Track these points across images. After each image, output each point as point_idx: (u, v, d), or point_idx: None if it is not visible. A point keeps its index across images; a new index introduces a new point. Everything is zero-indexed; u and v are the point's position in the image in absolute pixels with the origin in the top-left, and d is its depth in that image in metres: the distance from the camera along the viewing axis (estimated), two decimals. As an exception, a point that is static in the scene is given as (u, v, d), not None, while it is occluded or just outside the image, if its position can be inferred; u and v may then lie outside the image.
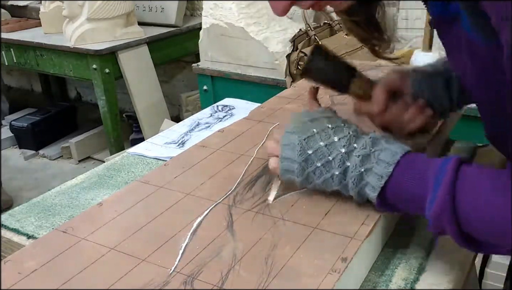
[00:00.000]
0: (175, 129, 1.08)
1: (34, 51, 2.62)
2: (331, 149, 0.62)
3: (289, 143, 0.64)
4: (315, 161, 0.63)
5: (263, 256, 0.57)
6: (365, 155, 0.60)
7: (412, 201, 0.57)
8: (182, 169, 0.80)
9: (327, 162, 0.63)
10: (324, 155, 0.63)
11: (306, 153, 0.63)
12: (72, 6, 2.40)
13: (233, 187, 0.73)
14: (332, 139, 0.63)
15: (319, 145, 0.63)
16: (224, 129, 0.96)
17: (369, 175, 0.60)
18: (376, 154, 0.60)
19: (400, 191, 0.58)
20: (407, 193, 0.58)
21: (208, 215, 0.67)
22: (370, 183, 0.60)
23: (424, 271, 0.61)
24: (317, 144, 0.63)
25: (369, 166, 0.60)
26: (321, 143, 0.63)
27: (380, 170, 0.59)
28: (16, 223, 0.74)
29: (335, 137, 0.63)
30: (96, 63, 2.40)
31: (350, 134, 0.63)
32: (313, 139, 0.63)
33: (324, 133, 0.64)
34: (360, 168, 0.60)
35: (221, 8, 2.05)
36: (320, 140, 0.63)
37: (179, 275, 0.55)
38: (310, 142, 0.63)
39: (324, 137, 0.63)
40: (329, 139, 0.63)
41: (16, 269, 0.57)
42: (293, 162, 0.64)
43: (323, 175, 0.63)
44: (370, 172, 0.60)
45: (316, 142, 0.63)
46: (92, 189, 0.83)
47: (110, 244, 0.61)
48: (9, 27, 2.77)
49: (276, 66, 1.97)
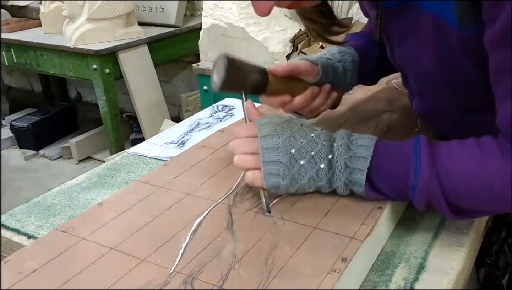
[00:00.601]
0: (175, 129, 1.08)
1: (34, 51, 2.62)
2: (312, 144, 0.64)
3: (270, 146, 0.64)
4: (299, 159, 0.64)
5: (263, 256, 0.57)
6: (345, 144, 0.63)
7: (397, 178, 0.62)
8: (182, 169, 0.80)
9: (310, 157, 0.64)
10: (307, 151, 0.64)
11: (289, 153, 0.63)
12: (72, 6, 2.40)
13: (233, 187, 0.73)
14: (310, 136, 0.65)
15: (300, 142, 0.64)
16: (224, 129, 0.96)
17: (353, 160, 0.63)
18: (354, 142, 0.64)
19: (384, 170, 0.62)
20: (390, 171, 0.62)
21: (208, 215, 0.67)
22: (355, 167, 0.63)
23: (424, 271, 0.61)
24: (298, 142, 0.64)
25: (350, 153, 0.63)
26: (302, 141, 0.64)
27: (362, 152, 0.62)
28: (16, 223, 0.74)
29: (312, 134, 0.65)
30: (96, 63, 2.40)
31: (323, 131, 0.66)
32: (293, 138, 0.64)
33: (301, 132, 0.65)
34: (344, 155, 0.63)
35: (221, 8, 2.05)
36: (299, 138, 0.64)
37: (179, 275, 0.55)
38: (291, 142, 0.64)
39: (302, 135, 0.65)
40: (307, 136, 0.65)
41: (16, 269, 0.57)
42: (277, 164, 0.63)
43: (307, 173, 0.64)
44: (353, 158, 0.63)
45: (296, 141, 0.64)
46: (92, 189, 0.83)
47: (110, 244, 0.61)
48: (9, 27, 2.77)
49: (276, 66, 1.97)
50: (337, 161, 0.63)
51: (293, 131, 0.65)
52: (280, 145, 0.64)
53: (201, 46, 2.18)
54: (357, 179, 0.63)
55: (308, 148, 0.64)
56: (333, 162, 0.64)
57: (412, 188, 0.60)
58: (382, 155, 0.63)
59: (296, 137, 0.64)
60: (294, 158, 0.64)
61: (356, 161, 0.63)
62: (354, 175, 0.63)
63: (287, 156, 0.63)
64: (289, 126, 0.66)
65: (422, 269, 0.61)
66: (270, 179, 0.64)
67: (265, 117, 0.68)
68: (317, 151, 0.64)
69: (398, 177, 0.62)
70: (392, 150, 0.63)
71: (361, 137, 0.64)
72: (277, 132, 0.64)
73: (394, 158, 0.62)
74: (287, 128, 0.65)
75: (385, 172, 0.63)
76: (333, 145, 0.64)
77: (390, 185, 0.63)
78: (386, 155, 0.63)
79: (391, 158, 0.63)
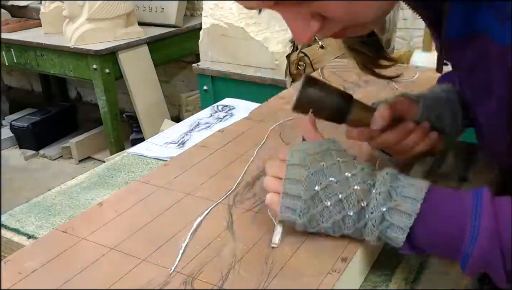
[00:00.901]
0: (175, 129, 1.08)
1: (35, 51, 2.62)
2: (343, 186, 0.54)
3: (294, 177, 0.56)
4: (324, 199, 0.55)
5: (263, 256, 0.57)
6: (386, 192, 0.53)
7: (445, 241, 0.51)
8: (182, 169, 0.80)
9: (338, 201, 0.54)
10: (334, 192, 0.54)
11: (313, 189, 0.55)
12: (72, 6, 2.40)
13: (233, 187, 0.73)
14: (344, 174, 0.55)
15: (329, 180, 0.55)
16: (224, 129, 0.97)
17: (393, 214, 0.52)
18: (399, 190, 0.53)
19: (431, 230, 0.52)
20: (439, 232, 0.51)
21: (208, 215, 0.67)
22: (395, 223, 0.52)
23: (424, 271, 0.61)
24: (327, 180, 0.55)
25: (391, 204, 0.52)
26: (332, 179, 0.55)
27: (406, 207, 0.51)
28: (16, 223, 0.74)
29: (347, 172, 0.55)
30: (96, 63, 2.40)
31: (364, 170, 0.56)
32: (322, 174, 0.55)
33: (334, 168, 0.56)
34: (382, 207, 0.52)
35: (221, 8, 2.05)
36: (330, 176, 0.55)
37: (179, 275, 0.55)
38: (318, 177, 0.55)
39: (335, 172, 0.55)
40: (341, 174, 0.55)
41: (16, 269, 0.57)
42: (296, 199, 0.55)
43: (332, 217, 0.55)
44: (394, 211, 0.52)
45: (325, 178, 0.55)
46: (92, 189, 0.83)
47: (110, 244, 0.61)
48: (9, 27, 2.77)
49: (276, 66, 1.97)
50: (372, 212, 0.53)
51: (326, 165, 0.56)
52: (304, 178, 0.55)
53: (201, 46, 2.18)
54: (395, 238, 0.53)
55: (338, 189, 0.54)
56: (367, 211, 0.54)
57: (465, 256, 0.49)
58: (432, 211, 0.51)
59: (326, 173, 0.55)
60: (318, 197, 0.55)
61: (397, 216, 0.52)
62: (391, 231, 0.53)
63: (310, 192, 0.55)
64: (323, 158, 0.57)
65: (422, 269, 0.61)
66: (286, 212, 0.57)
67: (303, 143, 0.60)
68: (347, 194, 0.54)
69: (448, 240, 0.51)
70: (445, 206, 0.52)
71: (409, 185, 0.53)
72: (305, 163, 0.56)
73: (447, 217, 0.51)
74: (320, 161, 0.56)
75: (433, 233, 0.52)
76: (371, 191, 0.54)
77: (436, 247, 0.53)
78: (437, 212, 0.52)
79: (443, 217, 0.51)
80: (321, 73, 1.28)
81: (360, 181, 0.54)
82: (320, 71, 1.31)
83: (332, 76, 1.26)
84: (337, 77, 1.25)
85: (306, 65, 1.84)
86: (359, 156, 0.60)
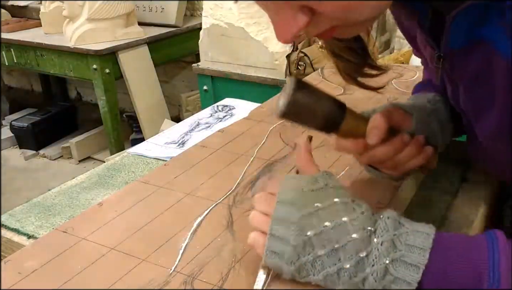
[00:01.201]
0: (175, 129, 1.08)
1: (34, 51, 2.62)
2: (340, 233, 0.47)
3: (283, 218, 0.48)
4: (317, 247, 0.47)
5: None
6: (389, 241, 0.46)
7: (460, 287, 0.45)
8: (182, 169, 0.80)
9: (333, 250, 0.47)
10: (330, 239, 0.47)
11: (304, 235, 0.47)
12: (72, 6, 2.40)
13: (233, 187, 0.73)
14: (341, 219, 0.47)
15: (324, 225, 0.47)
16: (224, 129, 0.97)
17: (398, 267, 0.45)
18: (403, 238, 0.46)
19: (441, 283, 0.45)
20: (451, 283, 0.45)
21: (208, 215, 0.67)
22: (400, 277, 0.45)
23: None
24: (321, 223, 0.47)
25: (396, 255, 0.45)
26: (327, 224, 0.47)
27: (413, 258, 0.45)
28: (16, 223, 0.74)
29: (345, 217, 0.48)
30: (96, 63, 2.40)
31: (364, 213, 0.48)
32: (317, 217, 0.48)
33: (331, 210, 0.48)
34: (385, 258, 0.45)
35: (221, 8, 2.05)
36: (325, 220, 0.48)
37: (179, 275, 0.55)
38: (312, 221, 0.48)
39: (331, 215, 0.48)
40: (337, 219, 0.48)
41: (16, 269, 0.57)
42: (285, 244, 0.48)
43: (325, 269, 0.47)
44: (399, 262, 0.45)
45: (320, 222, 0.48)
46: (92, 189, 0.83)
47: (110, 244, 0.61)
48: (9, 27, 2.77)
49: (276, 66, 1.97)
50: (374, 264, 0.45)
51: (321, 206, 0.48)
52: (295, 221, 0.48)
53: (201, 46, 2.18)
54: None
55: (333, 236, 0.47)
56: (367, 264, 0.46)
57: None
58: (442, 260, 0.45)
59: (321, 216, 0.48)
60: (310, 244, 0.47)
61: (403, 269, 0.45)
62: (396, 285, 0.46)
63: (301, 238, 0.47)
64: (318, 198, 0.49)
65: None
66: (271, 257, 0.49)
67: (297, 177, 0.53)
68: (343, 243, 0.46)
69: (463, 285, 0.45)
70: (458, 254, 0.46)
71: (414, 232, 0.46)
72: (297, 203, 0.49)
73: (460, 265, 0.45)
74: (315, 200, 0.49)
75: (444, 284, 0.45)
76: (372, 239, 0.46)
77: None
78: (448, 261, 0.45)
79: (455, 265, 0.45)
80: (321, 73, 1.28)
81: (359, 228, 0.47)
82: (320, 71, 1.31)
83: (332, 76, 1.25)
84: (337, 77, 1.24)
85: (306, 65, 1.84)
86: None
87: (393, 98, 1.05)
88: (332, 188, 0.51)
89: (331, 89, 1.15)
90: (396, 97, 1.05)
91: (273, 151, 0.85)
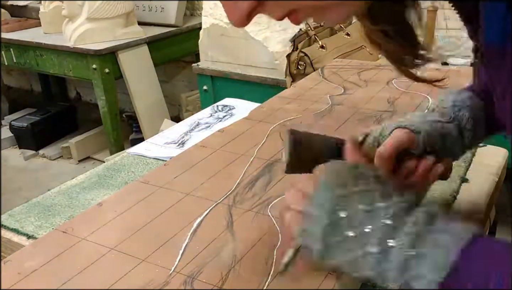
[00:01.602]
0: (175, 129, 1.08)
1: (34, 51, 2.62)
2: (373, 217, 0.46)
3: (319, 197, 0.48)
4: (346, 228, 0.46)
5: (263, 256, 0.57)
6: (418, 234, 0.44)
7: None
8: (182, 169, 0.80)
9: (362, 233, 0.46)
10: (360, 223, 0.46)
11: (336, 215, 0.47)
12: (72, 6, 2.40)
13: (233, 187, 0.73)
14: (376, 204, 0.47)
15: (357, 208, 0.47)
16: (224, 129, 0.96)
17: (421, 263, 0.43)
18: (433, 235, 0.44)
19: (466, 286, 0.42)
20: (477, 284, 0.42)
21: (208, 215, 0.67)
22: (421, 275, 0.43)
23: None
24: (355, 207, 0.47)
25: (421, 251, 0.43)
26: (360, 207, 0.47)
27: (437, 257, 0.42)
28: (16, 223, 0.74)
29: (381, 203, 0.47)
30: (96, 63, 2.40)
31: (402, 203, 0.47)
32: (351, 199, 0.47)
33: (368, 195, 0.48)
34: (409, 251, 0.43)
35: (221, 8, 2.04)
36: (359, 203, 0.47)
37: (179, 275, 0.55)
38: (345, 202, 0.47)
39: (367, 200, 0.47)
40: (373, 204, 0.47)
41: (16, 269, 0.57)
42: (316, 223, 0.47)
43: (352, 251, 0.46)
44: (423, 259, 0.43)
45: (353, 205, 0.47)
46: (92, 189, 0.83)
47: (110, 244, 0.61)
48: (9, 27, 2.77)
49: (276, 66, 1.97)
50: (398, 255, 0.44)
51: (358, 190, 0.48)
52: (330, 201, 0.47)
53: (201, 46, 2.18)
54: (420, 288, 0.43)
55: (365, 220, 0.46)
56: (391, 254, 0.44)
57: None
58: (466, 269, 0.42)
59: (355, 199, 0.47)
60: (341, 224, 0.46)
61: (424, 266, 0.43)
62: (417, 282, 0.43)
63: (332, 218, 0.47)
64: (357, 183, 0.49)
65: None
66: (303, 235, 0.48)
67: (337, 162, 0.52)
68: (374, 228, 0.45)
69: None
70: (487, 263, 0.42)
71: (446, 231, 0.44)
72: (335, 184, 0.48)
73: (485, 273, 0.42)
74: (353, 185, 0.48)
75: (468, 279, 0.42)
76: (401, 229, 0.45)
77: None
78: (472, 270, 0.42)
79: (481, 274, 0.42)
80: (321, 73, 1.28)
81: (392, 215, 0.45)
82: (320, 71, 1.31)
83: (332, 76, 1.25)
84: (337, 77, 1.25)
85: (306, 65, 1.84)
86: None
87: (393, 99, 1.05)
88: (373, 177, 0.50)
89: (331, 89, 1.16)
90: (396, 97, 1.05)
91: (273, 151, 0.85)
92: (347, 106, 1.00)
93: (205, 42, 2.15)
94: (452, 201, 0.72)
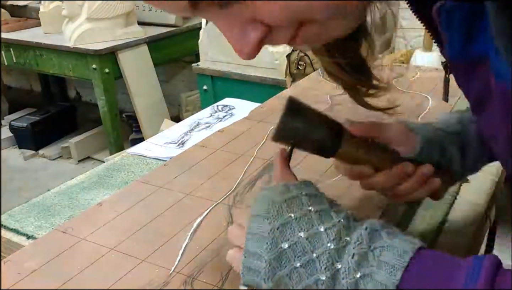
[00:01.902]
0: (175, 129, 1.08)
1: (34, 51, 2.62)
2: (315, 243, 0.45)
3: (256, 232, 0.46)
4: (292, 259, 0.45)
5: (263, 256, 0.57)
6: (362, 254, 0.43)
7: None
8: (182, 169, 0.80)
9: (309, 261, 0.44)
10: (305, 251, 0.44)
11: (279, 247, 0.45)
12: (72, 6, 2.39)
13: (233, 187, 0.73)
14: (316, 228, 0.45)
15: (298, 236, 0.45)
16: (224, 129, 0.96)
17: (368, 283, 0.42)
18: (376, 253, 0.43)
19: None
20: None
21: (208, 215, 0.67)
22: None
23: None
24: (296, 235, 0.45)
25: (367, 271, 0.42)
26: (301, 235, 0.45)
27: (382, 277, 0.42)
28: (16, 223, 0.74)
29: (321, 226, 0.45)
30: (95, 63, 2.40)
31: (341, 222, 0.46)
32: (290, 228, 0.45)
33: (306, 220, 0.46)
34: (355, 273, 0.42)
35: (221, 8, 2.05)
36: (299, 230, 0.45)
37: (179, 275, 0.55)
38: (285, 232, 0.45)
39: (306, 225, 0.45)
40: (313, 228, 0.45)
41: (16, 269, 0.57)
42: (259, 259, 0.45)
43: (303, 280, 0.45)
44: (369, 279, 0.42)
45: (293, 233, 0.45)
46: (92, 189, 0.83)
47: (110, 244, 0.61)
48: (8, 27, 2.77)
49: (276, 66, 1.97)
50: (344, 278, 0.43)
51: (294, 217, 0.46)
52: (268, 234, 0.45)
53: (201, 46, 2.18)
54: None
55: (308, 247, 0.44)
56: (340, 276, 0.43)
57: None
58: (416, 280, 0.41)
59: (295, 227, 0.45)
60: (286, 256, 0.45)
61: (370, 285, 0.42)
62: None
63: (275, 251, 0.45)
64: (293, 208, 0.47)
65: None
66: (248, 274, 0.46)
67: (269, 188, 0.50)
68: (319, 253, 0.44)
69: None
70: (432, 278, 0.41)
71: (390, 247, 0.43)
72: (269, 215, 0.46)
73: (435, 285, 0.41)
74: (288, 211, 0.46)
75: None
76: (344, 251, 0.44)
77: None
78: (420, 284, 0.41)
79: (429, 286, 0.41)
80: (321, 73, 1.28)
81: (335, 237, 0.44)
82: (320, 71, 1.31)
83: (332, 76, 1.25)
84: (337, 77, 1.24)
85: (306, 65, 1.84)
86: None
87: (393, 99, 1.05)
88: (306, 196, 0.48)
89: (331, 89, 1.15)
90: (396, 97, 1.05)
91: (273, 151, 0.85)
92: (347, 106, 1.00)
93: (205, 42, 2.14)
94: (452, 201, 0.72)
